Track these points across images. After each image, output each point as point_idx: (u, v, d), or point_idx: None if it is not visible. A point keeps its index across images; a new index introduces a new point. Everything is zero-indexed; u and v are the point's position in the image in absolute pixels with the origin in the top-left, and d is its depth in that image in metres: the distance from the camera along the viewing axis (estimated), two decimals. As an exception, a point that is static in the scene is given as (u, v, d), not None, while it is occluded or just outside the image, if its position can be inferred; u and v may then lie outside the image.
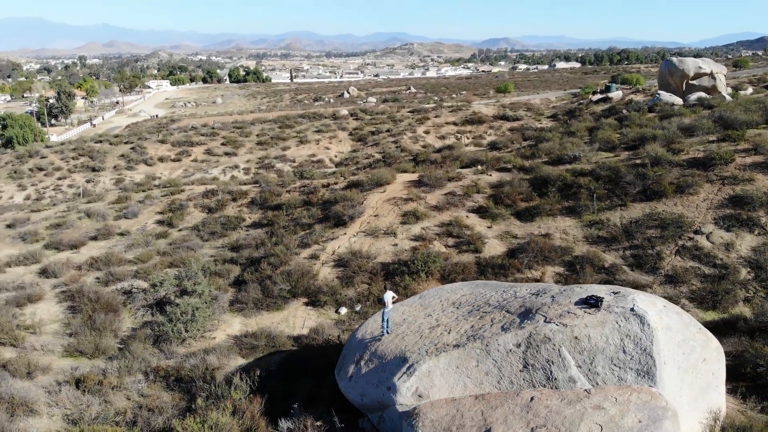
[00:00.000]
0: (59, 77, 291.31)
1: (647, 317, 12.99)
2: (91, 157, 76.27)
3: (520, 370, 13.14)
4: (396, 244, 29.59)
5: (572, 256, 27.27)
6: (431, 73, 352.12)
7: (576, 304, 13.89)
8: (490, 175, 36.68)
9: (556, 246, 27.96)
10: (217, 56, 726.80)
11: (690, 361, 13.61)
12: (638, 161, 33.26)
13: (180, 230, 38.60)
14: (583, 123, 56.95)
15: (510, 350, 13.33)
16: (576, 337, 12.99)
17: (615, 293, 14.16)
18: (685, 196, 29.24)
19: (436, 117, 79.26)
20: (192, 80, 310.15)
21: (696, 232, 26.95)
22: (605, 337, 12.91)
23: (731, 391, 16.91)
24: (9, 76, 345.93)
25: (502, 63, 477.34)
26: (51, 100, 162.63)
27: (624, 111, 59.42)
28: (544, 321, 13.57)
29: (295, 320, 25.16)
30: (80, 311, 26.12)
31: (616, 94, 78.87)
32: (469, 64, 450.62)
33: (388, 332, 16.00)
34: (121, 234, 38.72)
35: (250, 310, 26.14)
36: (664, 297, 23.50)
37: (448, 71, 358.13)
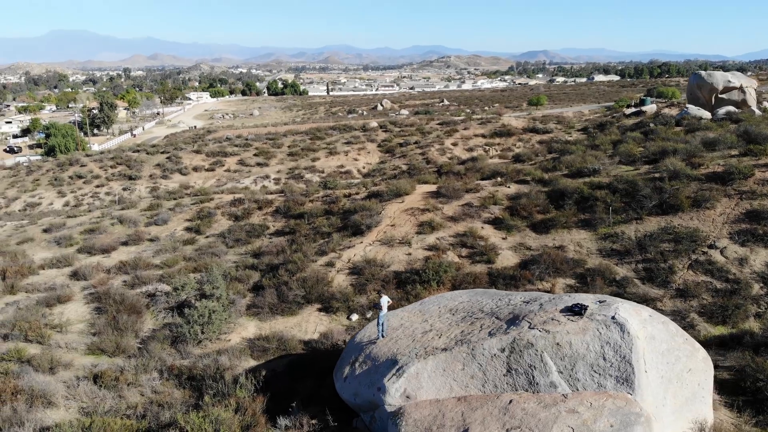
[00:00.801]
0: (104, 88, 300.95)
1: (627, 325, 13.28)
2: (128, 166, 78.84)
3: (504, 375, 13.56)
4: (410, 254, 30.14)
5: (584, 268, 27.41)
6: (467, 85, 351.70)
7: (561, 311, 14.25)
8: (509, 187, 36.97)
9: (568, 258, 28.15)
10: (257, 69, 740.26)
11: (675, 371, 13.82)
12: (657, 175, 33.20)
13: (207, 237, 39.82)
14: (609, 136, 56.66)
15: (494, 355, 13.77)
16: (558, 344, 13.36)
17: (601, 302, 14.47)
18: (701, 210, 29.08)
19: (464, 129, 79.54)
20: (231, 92, 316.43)
21: (710, 247, 26.82)
22: (586, 344, 13.25)
23: (729, 404, 16.98)
24: (55, 87, 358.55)
25: (540, 75, 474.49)
26: (94, 111, 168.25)
27: (651, 125, 58.88)
28: (529, 327, 13.97)
29: (308, 325, 25.89)
30: (105, 312, 27.35)
31: (649, 108, 77.54)
32: (506, 77, 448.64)
33: (383, 336, 16.57)
34: (151, 240, 40.14)
35: (265, 315, 26.97)
36: (674, 311, 23.59)
37: (484, 84, 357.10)
